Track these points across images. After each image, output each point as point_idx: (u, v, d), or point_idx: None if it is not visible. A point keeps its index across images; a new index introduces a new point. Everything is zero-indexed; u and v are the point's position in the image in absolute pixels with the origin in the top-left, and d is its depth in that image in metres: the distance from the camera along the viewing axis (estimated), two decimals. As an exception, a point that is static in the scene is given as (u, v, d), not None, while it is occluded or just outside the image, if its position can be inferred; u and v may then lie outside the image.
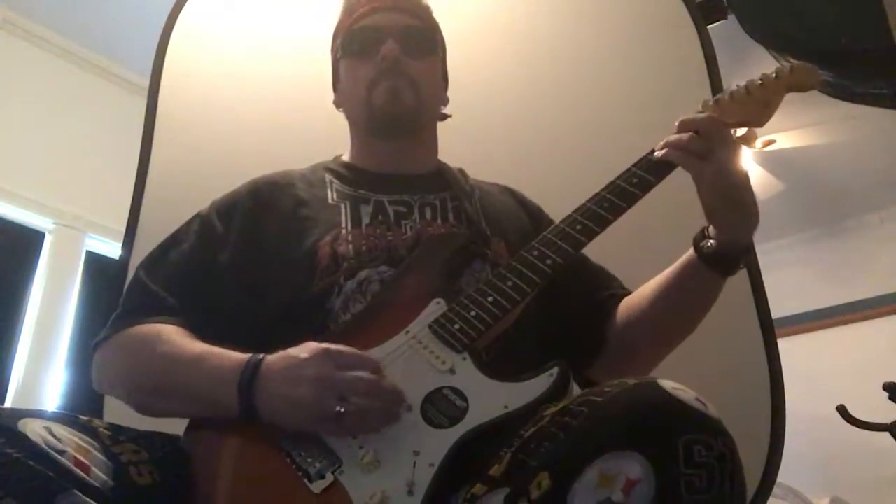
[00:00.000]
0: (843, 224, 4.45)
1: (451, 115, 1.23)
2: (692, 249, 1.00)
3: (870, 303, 4.14)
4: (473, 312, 0.89)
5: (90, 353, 1.02)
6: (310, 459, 0.79)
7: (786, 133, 3.60)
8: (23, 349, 2.71)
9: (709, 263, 0.97)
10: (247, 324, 1.00)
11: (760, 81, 1.00)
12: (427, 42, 1.18)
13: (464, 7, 1.74)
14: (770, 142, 3.65)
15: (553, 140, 1.71)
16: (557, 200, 1.08)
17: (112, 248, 2.93)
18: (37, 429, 0.70)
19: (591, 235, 0.94)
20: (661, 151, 0.96)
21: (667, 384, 0.67)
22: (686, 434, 0.63)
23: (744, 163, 0.99)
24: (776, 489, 1.44)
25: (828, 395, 2.56)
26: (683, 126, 0.96)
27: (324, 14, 1.32)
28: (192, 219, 1.11)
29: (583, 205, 0.97)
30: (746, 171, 0.96)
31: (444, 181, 1.16)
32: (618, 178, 0.98)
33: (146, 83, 1.76)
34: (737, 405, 1.14)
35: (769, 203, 3.68)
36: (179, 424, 0.92)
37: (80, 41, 3.09)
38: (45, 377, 2.71)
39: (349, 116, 1.20)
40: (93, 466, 0.72)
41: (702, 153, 0.93)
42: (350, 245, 1.02)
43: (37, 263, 2.87)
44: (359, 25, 1.15)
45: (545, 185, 1.30)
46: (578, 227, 0.94)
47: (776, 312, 1.54)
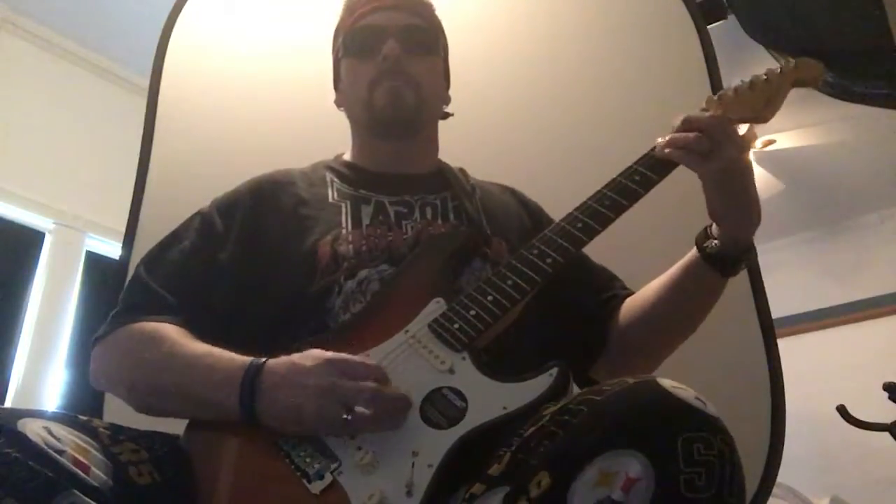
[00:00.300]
0: (843, 224, 4.46)
1: (453, 115, 1.23)
2: (694, 249, 0.99)
3: (870, 303, 4.14)
4: (473, 312, 0.88)
5: (89, 349, 1.02)
6: (308, 460, 0.79)
7: (786, 133, 3.60)
8: (23, 349, 2.71)
9: (711, 263, 0.97)
10: (246, 322, 1.00)
11: (765, 77, 0.99)
12: (428, 41, 1.17)
13: (464, 7, 1.74)
14: (770, 142, 3.65)
15: (553, 140, 1.71)
16: (558, 200, 1.07)
17: (112, 248, 2.93)
18: (36, 429, 0.70)
19: (593, 234, 0.93)
20: (666, 150, 0.94)
21: (666, 383, 0.67)
22: (685, 432, 0.62)
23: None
24: (776, 489, 1.44)
25: (828, 395, 2.56)
26: (688, 124, 0.94)
27: (324, 13, 1.31)
28: (193, 216, 1.11)
29: (584, 202, 0.96)
30: (752, 170, 0.95)
31: (445, 181, 1.16)
32: (619, 176, 0.96)
33: (146, 83, 1.76)
34: (737, 405, 1.15)
35: (769, 203, 3.65)
36: (179, 424, 0.92)
37: (80, 41, 3.09)
38: (45, 377, 2.71)
39: (350, 116, 1.20)
40: (92, 466, 0.72)
41: (707, 152, 0.91)
42: (350, 245, 1.02)
43: (37, 263, 2.87)
44: (360, 25, 1.15)
45: (545, 185, 1.30)
46: (579, 226, 0.93)
47: (776, 312, 1.54)
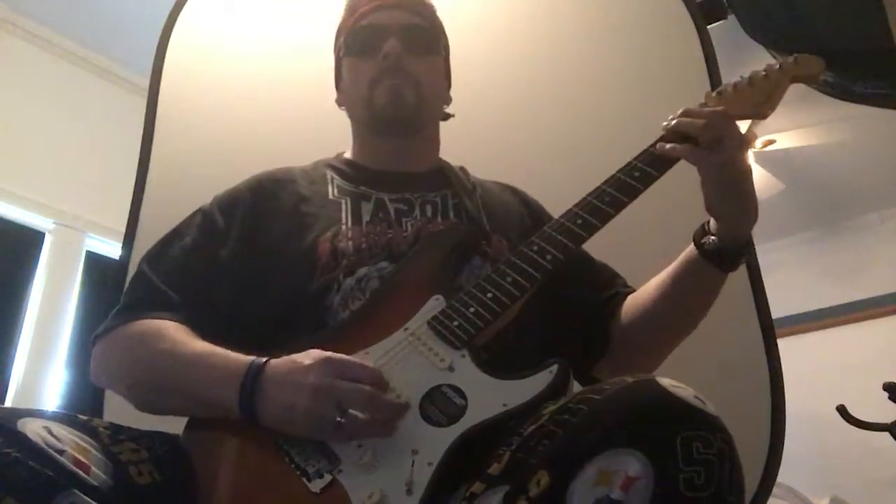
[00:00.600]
0: (843, 224, 4.45)
1: (454, 115, 1.23)
2: (692, 245, 0.99)
3: (870, 303, 4.13)
4: (472, 309, 0.88)
5: (90, 347, 1.02)
6: (309, 459, 0.79)
7: (786, 133, 3.60)
8: (23, 349, 2.71)
9: (710, 259, 0.97)
10: (246, 319, 1.00)
11: (764, 73, 0.99)
12: (429, 40, 1.17)
13: (464, 7, 1.74)
14: (770, 142, 3.65)
15: (553, 139, 1.71)
16: (558, 199, 1.07)
17: (112, 248, 2.93)
18: (36, 428, 0.70)
19: (592, 230, 0.93)
20: (667, 145, 0.94)
21: (665, 382, 0.67)
22: (685, 431, 0.62)
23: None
24: (776, 489, 1.44)
25: (828, 395, 2.56)
26: (688, 116, 0.94)
27: (324, 13, 1.32)
28: (195, 213, 1.11)
29: (583, 199, 0.96)
30: (750, 166, 0.95)
31: (445, 179, 1.16)
32: (619, 172, 0.96)
33: (146, 83, 1.76)
34: (737, 405, 1.14)
35: (769, 203, 3.67)
36: (179, 424, 0.92)
37: (80, 41, 3.09)
38: (45, 377, 2.71)
39: (351, 115, 1.20)
40: (92, 466, 0.72)
41: (707, 145, 0.91)
42: (350, 242, 1.02)
43: (37, 263, 2.87)
44: (361, 24, 1.15)
45: (545, 184, 1.30)
46: (579, 222, 0.93)
47: (776, 312, 1.54)
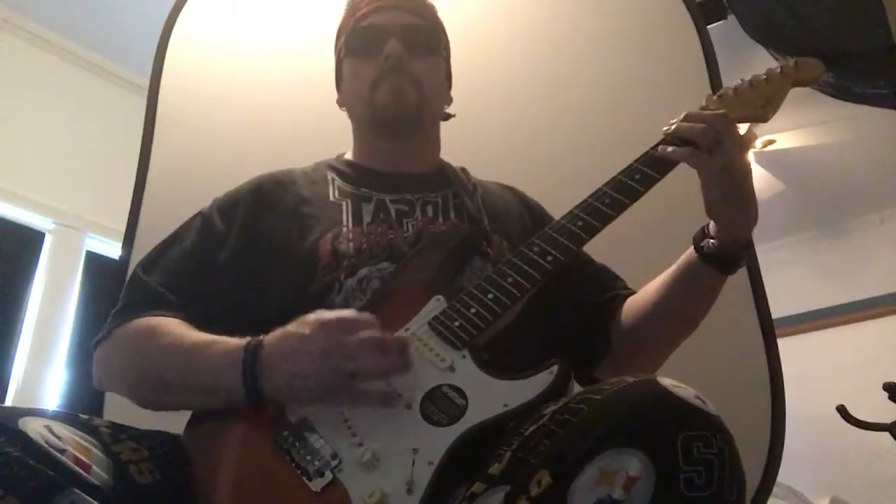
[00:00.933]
0: (843, 224, 4.46)
1: (455, 115, 1.23)
2: (692, 248, 0.99)
3: (870, 303, 4.14)
4: (473, 309, 0.88)
5: (90, 353, 1.02)
6: (309, 457, 0.79)
7: (786, 133, 3.60)
8: (23, 349, 2.71)
9: (710, 262, 0.97)
10: (247, 321, 0.99)
11: (765, 76, 1.00)
12: (430, 41, 1.17)
13: (464, 7, 1.74)
14: (770, 142, 3.65)
15: (553, 140, 1.71)
16: (558, 200, 1.07)
17: (112, 248, 2.94)
18: (37, 427, 0.70)
19: (593, 231, 0.93)
20: (668, 148, 0.94)
21: (666, 382, 0.67)
22: (685, 431, 0.62)
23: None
24: (776, 489, 1.44)
25: (828, 395, 2.56)
26: (689, 120, 0.95)
27: (324, 13, 1.32)
28: (194, 216, 1.11)
29: (585, 200, 0.96)
30: (750, 169, 0.95)
31: (446, 179, 1.16)
32: (620, 174, 0.96)
33: (146, 83, 1.76)
34: (737, 405, 1.14)
35: (769, 203, 3.67)
36: (180, 424, 0.92)
37: (80, 41, 3.09)
38: (45, 377, 2.72)
39: (352, 115, 1.20)
40: (93, 465, 0.72)
41: (708, 147, 0.92)
42: (351, 243, 1.02)
43: (37, 263, 2.87)
44: (362, 24, 1.15)
45: (546, 185, 1.30)
46: (580, 223, 0.94)
47: (776, 312, 1.54)
